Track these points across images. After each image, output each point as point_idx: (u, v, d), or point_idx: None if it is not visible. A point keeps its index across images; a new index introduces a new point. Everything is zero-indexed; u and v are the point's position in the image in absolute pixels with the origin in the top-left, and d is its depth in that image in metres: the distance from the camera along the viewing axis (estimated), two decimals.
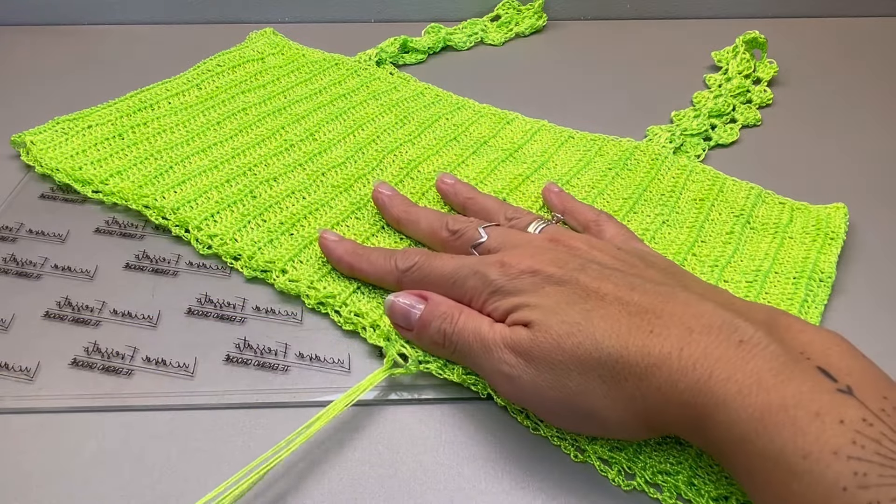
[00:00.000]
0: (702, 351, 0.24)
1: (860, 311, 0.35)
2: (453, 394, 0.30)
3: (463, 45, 0.58)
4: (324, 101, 0.48)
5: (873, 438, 0.20)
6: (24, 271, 0.35)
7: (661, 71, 0.56)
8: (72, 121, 0.43)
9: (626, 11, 0.63)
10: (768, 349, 0.23)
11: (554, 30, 0.62)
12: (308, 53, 0.53)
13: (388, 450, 0.28)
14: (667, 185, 0.42)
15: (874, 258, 0.38)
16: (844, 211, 0.39)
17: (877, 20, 0.64)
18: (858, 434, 0.21)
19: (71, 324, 0.33)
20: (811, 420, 0.21)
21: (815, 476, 0.20)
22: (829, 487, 0.20)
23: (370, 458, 0.28)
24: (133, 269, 0.36)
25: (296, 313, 0.34)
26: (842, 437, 0.21)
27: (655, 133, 0.47)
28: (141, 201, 0.38)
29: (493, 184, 0.41)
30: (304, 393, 0.30)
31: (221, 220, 0.37)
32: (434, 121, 0.47)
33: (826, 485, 0.20)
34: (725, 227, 0.39)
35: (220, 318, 0.33)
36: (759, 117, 0.50)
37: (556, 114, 0.48)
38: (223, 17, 0.60)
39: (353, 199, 0.39)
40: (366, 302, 0.33)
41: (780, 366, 0.23)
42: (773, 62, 0.54)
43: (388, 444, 0.28)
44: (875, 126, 0.50)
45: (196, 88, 0.48)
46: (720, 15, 0.64)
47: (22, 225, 0.38)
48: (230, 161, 0.41)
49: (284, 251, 0.35)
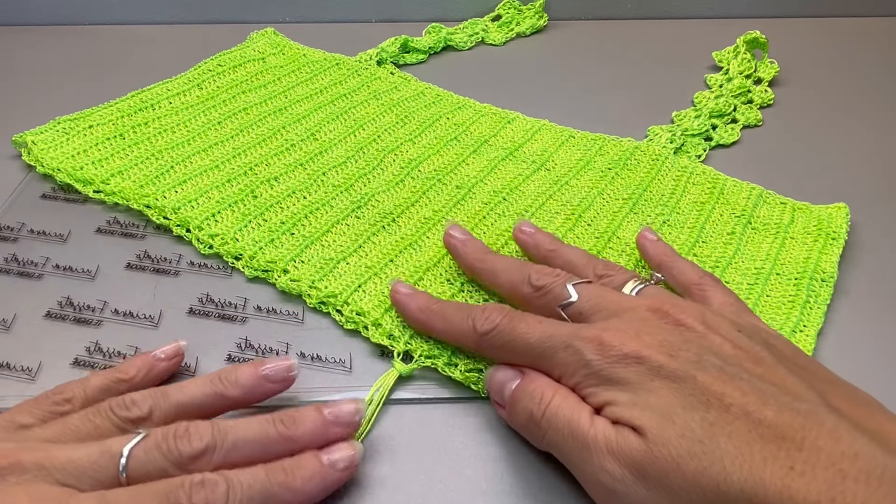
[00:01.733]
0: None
1: (862, 312, 0.35)
2: (454, 393, 0.30)
3: (464, 45, 0.58)
4: (324, 101, 0.48)
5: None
6: (25, 271, 0.35)
7: (662, 71, 0.56)
8: (73, 121, 0.43)
9: (627, 11, 0.63)
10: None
11: (555, 30, 0.62)
12: (309, 53, 0.53)
13: (388, 450, 0.28)
14: (667, 185, 0.42)
15: (876, 258, 0.38)
16: (846, 211, 0.39)
17: (877, 20, 0.64)
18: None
19: (72, 323, 0.33)
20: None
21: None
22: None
23: (370, 458, 0.28)
24: (134, 269, 0.36)
25: (297, 313, 0.34)
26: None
27: (656, 133, 0.47)
28: (142, 201, 0.38)
29: (493, 183, 0.41)
30: (306, 392, 0.30)
31: (222, 219, 0.37)
32: (435, 120, 0.47)
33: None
34: (726, 227, 0.39)
35: (222, 317, 0.33)
36: (761, 117, 0.50)
37: (557, 113, 0.48)
38: (224, 17, 0.60)
39: (354, 199, 0.39)
40: (367, 301, 0.33)
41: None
42: (774, 62, 0.54)
43: (388, 444, 0.28)
44: (876, 126, 0.50)
45: (197, 88, 0.48)
46: (721, 15, 0.64)
47: (23, 225, 0.38)
48: (231, 161, 0.41)
49: (286, 251, 0.35)
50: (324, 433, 0.26)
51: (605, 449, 0.23)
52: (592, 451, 0.23)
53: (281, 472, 0.24)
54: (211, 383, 0.26)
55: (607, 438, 0.23)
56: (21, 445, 0.23)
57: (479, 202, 0.40)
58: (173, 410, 0.25)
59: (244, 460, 0.24)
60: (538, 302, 0.29)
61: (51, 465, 0.22)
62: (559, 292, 0.29)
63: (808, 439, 0.21)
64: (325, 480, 0.25)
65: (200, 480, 0.22)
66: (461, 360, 0.30)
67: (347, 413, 0.26)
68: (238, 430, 0.24)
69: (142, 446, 0.23)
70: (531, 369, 0.27)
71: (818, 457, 0.21)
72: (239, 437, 0.24)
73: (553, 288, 0.29)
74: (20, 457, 0.22)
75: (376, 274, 0.34)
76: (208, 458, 0.24)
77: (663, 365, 0.24)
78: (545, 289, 0.29)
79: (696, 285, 0.31)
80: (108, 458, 0.23)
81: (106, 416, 0.25)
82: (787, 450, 0.21)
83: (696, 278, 0.31)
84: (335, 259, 0.35)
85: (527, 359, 0.27)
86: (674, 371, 0.23)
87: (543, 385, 0.26)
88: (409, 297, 0.31)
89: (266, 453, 0.24)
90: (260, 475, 0.23)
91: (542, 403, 0.25)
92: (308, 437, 0.25)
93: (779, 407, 0.22)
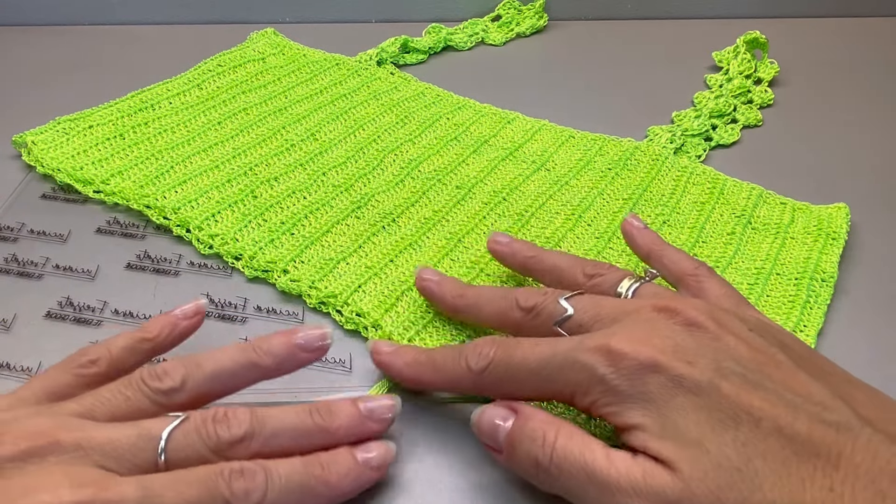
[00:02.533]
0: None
1: (862, 312, 0.35)
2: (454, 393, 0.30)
3: (464, 45, 0.58)
4: (324, 101, 0.48)
5: None
6: (25, 271, 0.35)
7: (662, 71, 0.56)
8: (73, 121, 0.43)
9: (627, 11, 0.63)
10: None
11: (555, 30, 0.62)
12: (309, 53, 0.53)
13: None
14: (667, 185, 0.42)
15: (876, 258, 0.38)
16: (846, 211, 0.39)
17: (877, 20, 0.64)
18: None
19: (72, 324, 0.33)
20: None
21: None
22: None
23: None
24: (134, 269, 0.36)
25: (297, 313, 0.34)
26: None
27: (656, 133, 0.47)
28: (142, 201, 0.38)
29: (493, 183, 0.41)
30: (306, 393, 0.30)
31: (222, 219, 0.37)
32: (435, 120, 0.47)
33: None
34: (726, 227, 0.39)
35: (222, 317, 0.33)
36: (760, 117, 0.50)
37: (557, 113, 0.48)
38: (224, 17, 0.60)
39: (354, 199, 0.39)
40: (367, 301, 0.33)
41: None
42: (774, 62, 0.54)
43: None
44: (876, 126, 0.50)
45: (197, 88, 0.48)
46: (721, 15, 0.64)
47: (23, 225, 0.38)
48: (231, 161, 0.41)
49: (286, 251, 0.35)
50: (359, 427, 0.25)
51: (630, 490, 0.21)
52: (615, 493, 0.21)
53: (318, 465, 0.23)
54: (243, 352, 0.26)
55: (632, 479, 0.21)
56: (58, 423, 0.22)
57: (479, 202, 0.40)
58: (207, 380, 0.25)
59: (281, 450, 0.24)
60: (531, 325, 0.27)
61: (89, 446, 0.22)
62: (552, 309, 0.27)
63: (844, 455, 0.20)
64: (360, 478, 0.24)
65: (240, 469, 0.22)
66: None
67: (383, 408, 0.26)
68: (276, 418, 0.24)
69: (181, 429, 0.23)
70: (523, 405, 0.25)
71: (856, 475, 0.20)
72: (277, 426, 0.24)
73: (545, 306, 0.27)
74: (58, 436, 0.22)
75: (376, 274, 0.34)
76: (247, 444, 0.23)
77: (684, 375, 0.22)
78: (536, 309, 0.27)
79: (691, 276, 0.29)
80: (146, 440, 0.22)
81: (137, 388, 0.24)
82: (824, 468, 0.20)
83: (690, 268, 0.29)
84: (335, 259, 0.35)
85: (532, 386, 0.25)
86: (696, 383, 0.22)
87: (543, 423, 0.24)
88: (393, 355, 0.29)
89: (302, 444, 0.24)
90: (298, 467, 0.23)
91: (546, 446, 0.23)
92: (344, 430, 0.25)
93: (810, 420, 0.21)
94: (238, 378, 0.26)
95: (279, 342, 0.26)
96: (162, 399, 0.24)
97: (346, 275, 0.34)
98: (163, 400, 0.24)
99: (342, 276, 0.34)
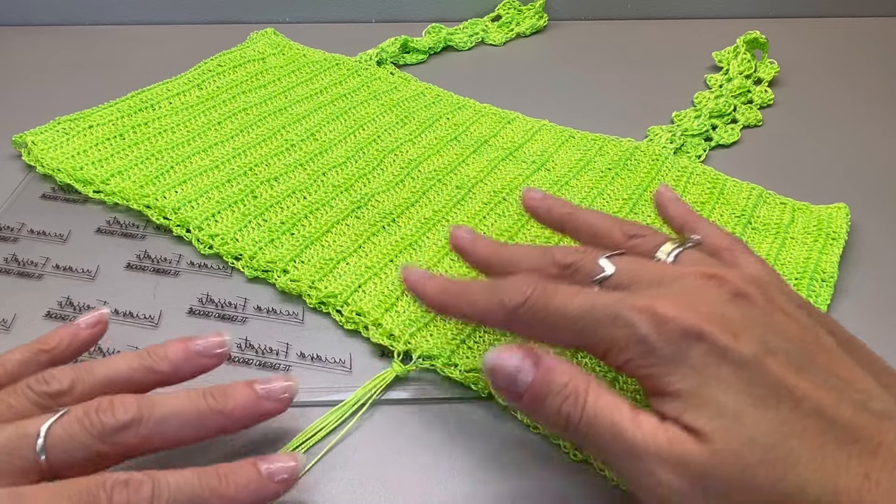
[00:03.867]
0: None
1: (863, 312, 0.35)
2: (454, 393, 0.30)
3: (464, 46, 0.58)
4: (324, 101, 0.48)
5: None
6: (25, 271, 0.35)
7: (662, 71, 0.56)
8: (73, 121, 0.43)
9: (627, 11, 0.63)
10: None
11: (555, 30, 0.62)
12: (309, 53, 0.53)
13: (389, 450, 0.28)
14: None
15: (876, 258, 0.38)
16: (846, 211, 0.39)
17: (877, 20, 0.64)
18: None
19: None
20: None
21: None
22: None
23: (370, 458, 0.28)
24: (134, 269, 0.36)
25: (297, 313, 0.34)
26: None
27: (656, 133, 0.47)
28: (142, 201, 0.38)
29: (493, 183, 0.41)
30: (306, 393, 0.30)
31: (222, 219, 0.37)
32: (435, 120, 0.47)
33: None
34: (726, 227, 0.39)
35: (222, 317, 0.33)
36: (760, 117, 0.50)
37: (557, 113, 0.48)
38: (224, 17, 0.60)
39: (354, 199, 0.39)
40: (367, 301, 0.33)
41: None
42: (773, 62, 0.54)
43: (388, 444, 0.28)
44: (876, 126, 0.50)
45: (197, 88, 0.48)
46: (721, 15, 0.64)
47: (23, 225, 0.38)
48: (231, 161, 0.41)
49: (285, 251, 0.35)
50: (255, 407, 0.24)
51: (656, 456, 0.20)
52: (642, 458, 0.21)
53: (214, 476, 0.22)
54: (139, 357, 0.25)
55: (659, 446, 0.21)
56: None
57: (479, 202, 0.40)
58: (98, 384, 0.24)
59: (174, 436, 0.23)
60: (568, 283, 0.25)
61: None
62: (591, 267, 0.25)
63: (884, 444, 0.20)
64: (261, 491, 0.23)
65: (125, 480, 0.21)
66: (460, 360, 0.30)
67: (279, 389, 0.25)
68: (166, 403, 0.23)
69: (60, 423, 0.21)
70: (544, 352, 0.23)
71: (894, 464, 0.19)
72: (167, 411, 0.23)
73: (584, 264, 0.25)
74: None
75: (376, 274, 0.34)
76: (134, 430, 0.22)
77: (728, 347, 0.21)
78: (574, 265, 0.26)
79: (726, 250, 0.28)
80: (23, 439, 0.21)
81: (21, 394, 0.23)
82: (860, 455, 0.19)
83: (726, 242, 0.28)
84: (335, 259, 0.35)
85: (566, 335, 0.23)
86: (740, 355, 0.21)
87: (573, 376, 0.22)
88: (425, 281, 0.28)
89: (197, 429, 0.23)
90: (190, 478, 0.22)
91: (577, 404, 0.22)
92: (240, 411, 0.24)
93: (854, 406, 0.20)
94: (133, 383, 0.25)
95: (175, 348, 0.26)
96: (48, 402, 0.23)
97: (346, 275, 0.34)
98: (49, 403, 0.23)
99: (342, 276, 0.34)
